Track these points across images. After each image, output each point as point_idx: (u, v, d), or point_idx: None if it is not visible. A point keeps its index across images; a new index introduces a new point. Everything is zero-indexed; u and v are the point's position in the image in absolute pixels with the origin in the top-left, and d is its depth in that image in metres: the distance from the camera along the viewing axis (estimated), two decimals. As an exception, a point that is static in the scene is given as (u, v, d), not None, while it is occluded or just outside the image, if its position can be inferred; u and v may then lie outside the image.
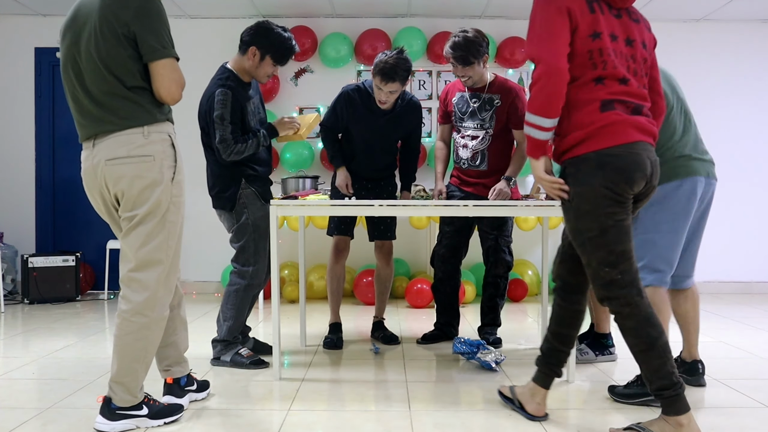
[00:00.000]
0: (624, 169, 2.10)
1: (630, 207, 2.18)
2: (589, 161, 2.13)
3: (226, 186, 3.13)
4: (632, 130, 2.13)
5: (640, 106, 2.19)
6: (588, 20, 2.12)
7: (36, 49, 5.78)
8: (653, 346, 2.10)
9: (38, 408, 2.57)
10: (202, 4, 5.42)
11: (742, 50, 5.84)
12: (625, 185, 2.11)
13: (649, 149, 2.17)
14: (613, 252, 2.12)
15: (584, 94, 2.14)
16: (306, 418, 2.45)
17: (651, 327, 2.11)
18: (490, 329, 3.70)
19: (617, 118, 2.12)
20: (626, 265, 2.13)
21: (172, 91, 2.22)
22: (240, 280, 3.17)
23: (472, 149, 3.54)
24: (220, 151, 3.01)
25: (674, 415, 2.09)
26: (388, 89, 3.32)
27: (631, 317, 2.12)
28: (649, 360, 2.11)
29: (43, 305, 5.15)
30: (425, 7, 5.53)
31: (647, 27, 2.30)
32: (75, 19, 2.24)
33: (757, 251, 5.87)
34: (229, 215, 3.16)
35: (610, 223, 2.12)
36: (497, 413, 2.51)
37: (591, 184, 2.12)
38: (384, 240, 3.69)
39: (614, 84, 2.14)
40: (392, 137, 3.60)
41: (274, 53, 3.09)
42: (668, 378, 2.09)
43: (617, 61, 2.15)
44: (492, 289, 3.68)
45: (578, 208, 2.16)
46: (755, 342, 3.79)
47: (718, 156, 5.86)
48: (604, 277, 2.15)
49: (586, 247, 2.17)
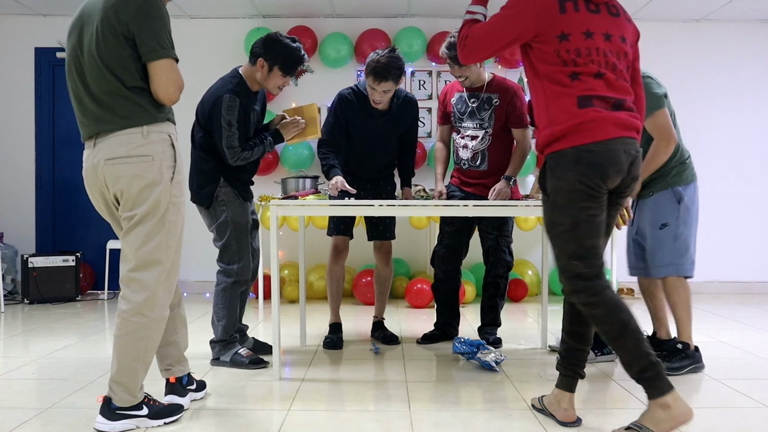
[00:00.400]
0: (598, 165, 2.16)
1: (604, 203, 2.23)
2: (566, 156, 2.19)
3: (204, 183, 3.13)
4: (610, 127, 2.17)
5: (621, 101, 2.22)
6: (556, 22, 2.19)
7: (36, 49, 5.78)
8: (626, 330, 2.14)
9: (38, 408, 2.57)
10: (202, 4, 5.42)
11: (742, 50, 5.84)
12: (599, 180, 2.17)
13: (629, 143, 2.21)
14: (583, 246, 2.19)
15: (559, 88, 2.21)
16: (306, 418, 2.45)
17: (620, 311, 2.15)
18: (490, 329, 3.70)
19: (596, 115, 2.17)
20: (593, 260, 2.20)
21: (170, 91, 2.22)
22: (226, 278, 3.18)
23: (472, 149, 3.54)
24: (227, 156, 3.02)
25: (659, 396, 2.11)
26: (382, 89, 3.32)
27: (599, 305, 2.17)
28: (624, 344, 2.14)
29: (43, 305, 5.15)
30: (425, 7, 5.53)
31: (627, 19, 2.33)
32: (80, 18, 2.26)
33: (757, 251, 5.86)
34: (206, 212, 3.17)
35: (583, 217, 2.18)
36: (497, 413, 2.51)
37: (567, 178, 2.18)
38: (383, 240, 3.70)
39: (590, 79, 2.19)
40: (391, 137, 3.60)
41: (282, 64, 3.09)
42: (645, 358, 2.12)
43: (592, 57, 2.19)
44: (492, 289, 3.68)
45: (554, 201, 2.24)
46: (755, 342, 3.78)
47: (718, 156, 5.91)
48: (572, 270, 2.21)
49: (558, 239, 2.24)
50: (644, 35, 5.88)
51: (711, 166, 5.66)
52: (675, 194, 3.07)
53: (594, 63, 2.19)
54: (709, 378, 3.00)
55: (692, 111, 5.77)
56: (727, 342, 3.78)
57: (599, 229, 2.21)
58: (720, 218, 5.74)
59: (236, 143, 3.02)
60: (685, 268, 3.06)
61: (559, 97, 2.20)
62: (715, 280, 5.83)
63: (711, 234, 5.68)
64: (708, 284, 5.78)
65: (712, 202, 5.63)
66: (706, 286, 5.76)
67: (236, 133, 3.01)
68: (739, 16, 5.70)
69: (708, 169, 5.50)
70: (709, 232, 5.59)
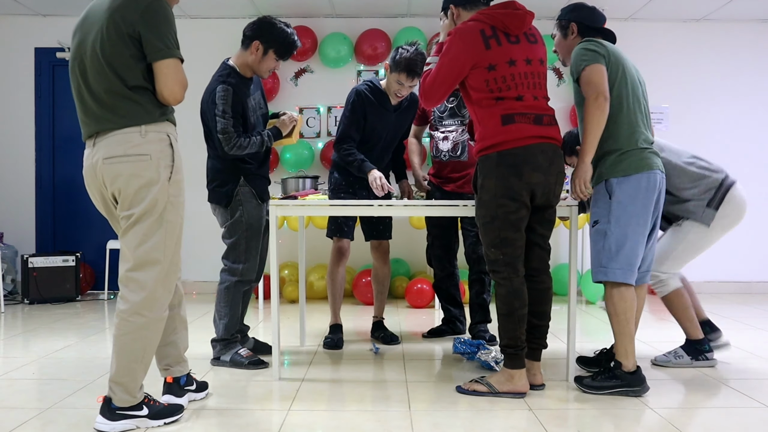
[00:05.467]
0: (514, 165, 2.57)
1: (523, 203, 2.59)
2: (491, 159, 2.61)
3: (224, 182, 3.13)
4: (528, 138, 2.58)
5: (541, 116, 2.63)
6: (483, 57, 2.60)
7: (36, 49, 5.78)
8: (512, 314, 2.63)
9: (38, 408, 2.57)
10: (202, 4, 5.42)
11: (742, 50, 5.84)
12: (515, 179, 2.56)
13: (545, 147, 2.61)
14: (498, 237, 2.62)
15: (487, 111, 2.63)
16: (306, 418, 2.45)
17: (516, 299, 2.63)
18: (482, 326, 3.71)
19: (515, 128, 2.58)
20: (509, 249, 2.62)
21: (175, 91, 2.22)
22: (230, 277, 3.18)
23: (453, 141, 3.62)
24: (222, 143, 3.01)
25: (510, 368, 2.68)
26: (409, 84, 3.37)
27: (504, 287, 2.65)
28: (506, 323, 2.65)
29: (43, 305, 5.15)
30: (425, 7, 5.53)
31: (543, 43, 2.77)
32: (86, 19, 2.27)
33: (757, 251, 5.86)
34: (224, 211, 3.16)
35: (500, 213, 2.59)
36: (497, 413, 2.50)
37: (490, 178, 2.60)
38: (382, 239, 3.71)
39: (511, 101, 2.61)
40: (399, 132, 3.67)
41: (278, 48, 3.10)
42: (515, 340, 2.64)
43: (516, 82, 2.61)
44: (478, 286, 3.71)
45: (480, 197, 2.67)
46: (755, 342, 3.78)
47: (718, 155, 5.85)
48: (490, 255, 2.67)
49: (481, 230, 2.69)
50: (644, 35, 5.92)
51: (711, 166, 5.65)
52: (607, 187, 2.73)
53: (518, 87, 2.61)
54: (709, 378, 3.00)
55: (692, 111, 5.77)
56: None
57: (514, 225, 2.60)
58: (720, 218, 5.73)
59: (231, 129, 3.00)
60: (614, 273, 2.68)
61: (488, 117, 2.62)
62: (715, 280, 5.83)
63: (711, 234, 5.67)
64: (708, 284, 5.78)
65: (712, 202, 5.62)
66: (706, 286, 5.76)
67: (231, 120, 3.00)
68: (739, 16, 5.70)
69: (708, 169, 5.50)
70: (709, 232, 5.57)
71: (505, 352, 2.68)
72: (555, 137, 2.66)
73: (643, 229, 2.72)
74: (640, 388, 2.71)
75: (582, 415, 2.48)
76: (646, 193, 2.70)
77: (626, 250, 2.68)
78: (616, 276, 2.69)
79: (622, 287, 2.70)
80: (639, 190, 2.69)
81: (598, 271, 2.76)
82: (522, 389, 2.68)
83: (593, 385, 2.75)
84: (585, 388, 2.77)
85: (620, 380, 2.71)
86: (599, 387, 2.73)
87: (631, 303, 2.70)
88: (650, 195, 2.71)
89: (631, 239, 2.69)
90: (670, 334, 3.89)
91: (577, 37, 2.92)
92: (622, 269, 2.69)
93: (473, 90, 2.66)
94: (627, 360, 2.71)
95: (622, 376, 2.71)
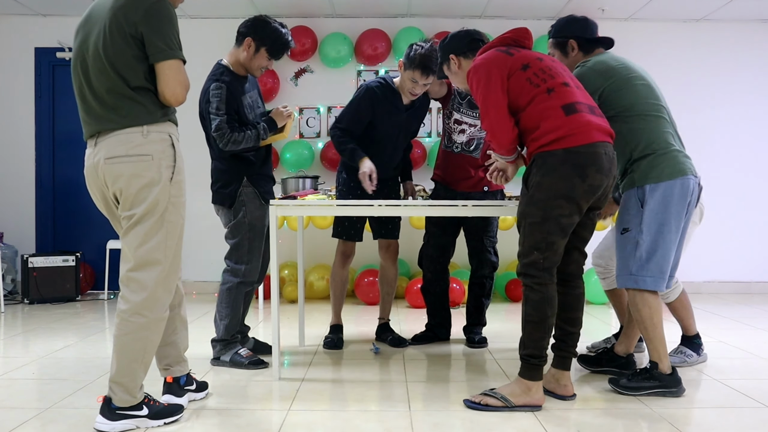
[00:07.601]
0: (580, 165, 2.41)
1: (579, 207, 2.46)
2: (556, 156, 2.44)
3: (228, 182, 3.13)
4: (595, 132, 2.45)
5: (592, 106, 2.55)
6: (512, 62, 2.55)
7: (36, 49, 5.77)
8: (544, 322, 2.48)
9: (38, 408, 2.57)
10: (202, 4, 5.42)
11: (742, 50, 5.84)
12: (578, 180, 2.41)
13: (608, 148, 2.49)
14: (544, 240, 2.46)
15: (543, 106, 2.48)
16: (306, 418, 2.45)
17: (549, 307, 2.48)
18: (476, 329, 3.70)
19: (579, 118, 2.45)
20: (550, 254, 2.48)
21: (177, 92, 2.23)
22: (233, 278, 3.18)
23: (469, 135, 3.51)
24: (217, 139, 3.01)
25: (528, 379, 2.52)
26: (424, 82, 3.30)
27: (538, 293, 2.48)
28: (534, 331, 2.49)
29: (43, 305, 5.15)
30: (425, 7, 5.53)
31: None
32: (88, 18, 2.27)
33: (757, 251, 5.86)
34: (228, 211, 3.16)
35: (553, 214, 2.44)
36: (497, 413, 2.50)
37: (550, 176, 2.44)
38: (391, 239, 3.65)
39: (562, 89, 2.51)
40: (409, 131, 3.61)
41: (270, 46, 3.09)
42: (540, 350, 2.49)
43: (552, 73, 2.54)
44: (478, 290, 3.68)
45: (533, 195, 2.49)
46: (755, 342, 3.78)
47: (718, 155, 5.91)
48: (530, 257, 2.50)
49: (527, 229, 2.51)
50: (644, 35, 5.93)
51: (710, 166, 5.65)
52: (639, 194, 2.70)
53: (554, 78, 2.52)
54: (709, 378, 3.00)
55: (692, 111, 5.77)
56: (727, 342, 3.78)
57: (564, 229, 2.47)
58: (720, 218, 5.74)
59: (224, 125, 2.99)
60: (645, 282, 2.66)
61: (547, 111, 2.47)
62: (715, 280, 5.83)
63: (711, 234, 5.68)
64: (708, 284, 5.78)
65: (711, 202, 5.61)
66: (706, 286, 5.76)
67: (225, 117, 3.00)
68: (739, 16, 5.70)
69: (707, 168, 5.50)
70: (709, 231, 5.58)
71: (527, 362, 2.51)
72: (610, 132, 2.54)
73: (675, 236, 2.68)
74: (677, 389, 2.70)
75: (582, 415, 2.48)
76: (679, 200, 2.66)
77: (657, 257, 2.66)
78: (647, 284, 2.67)
79: (646, 293, 2.69)
80: (672, 197, 2.65)
81: (627, 278, 2.72)
82: (539, 402, 2.52)
83: (630, 386, 2.72)
84: (621, 389, 2.72)
85: (658, 381, 2.70)
86: (637, 388, 2.71)
87: (656, 308, 2.69)
88: (683, 201, 2.68)
89: (662, 247, 2.65)
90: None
91: (578, 53, 2.89)
92: (653, 277, 2.67)
93: (520, 97, 2.52)
94: (662, 362, 2.70)
95: (660, 377, 2.70)
